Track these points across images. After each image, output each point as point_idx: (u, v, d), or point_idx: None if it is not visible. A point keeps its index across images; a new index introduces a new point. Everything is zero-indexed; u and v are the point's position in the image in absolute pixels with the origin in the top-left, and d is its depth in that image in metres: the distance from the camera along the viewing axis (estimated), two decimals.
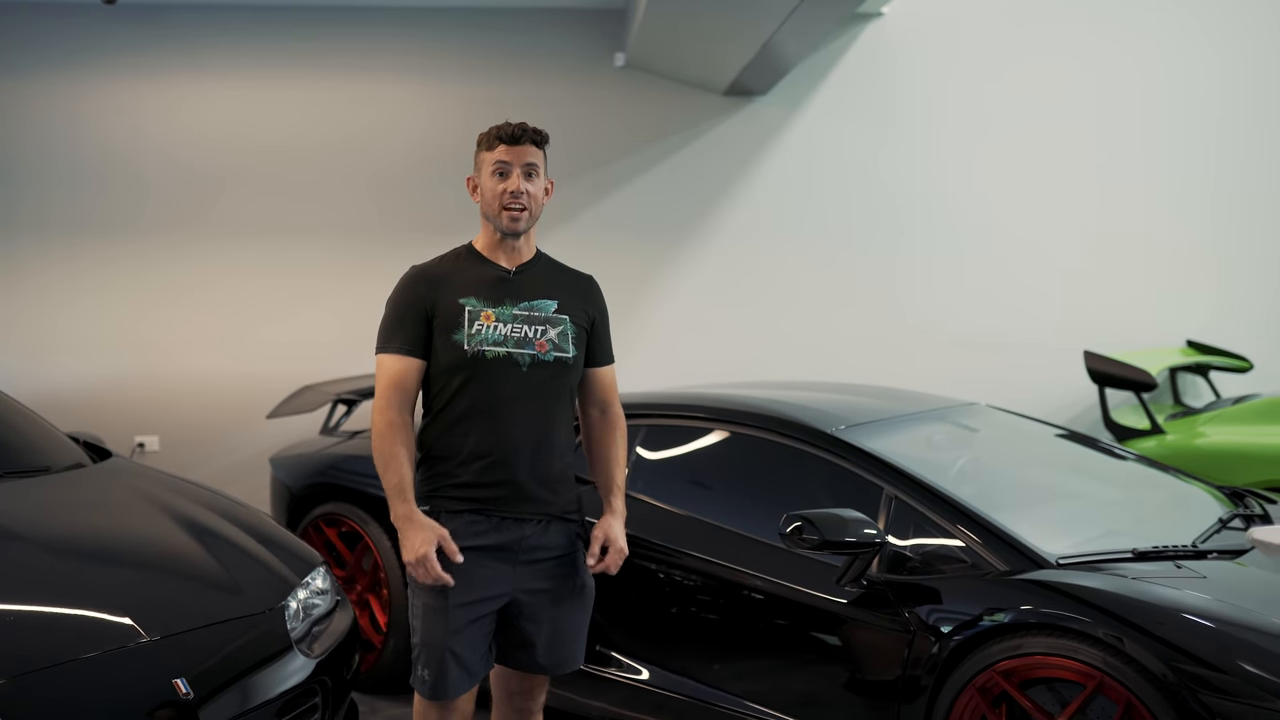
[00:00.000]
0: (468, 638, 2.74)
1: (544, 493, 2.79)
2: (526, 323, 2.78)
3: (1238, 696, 2.70)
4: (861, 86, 6.85)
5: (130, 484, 3.99)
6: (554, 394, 2.80)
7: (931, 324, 6.88)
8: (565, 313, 2.84)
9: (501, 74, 6.71)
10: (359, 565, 4.65)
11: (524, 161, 2.81)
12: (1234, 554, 3.36)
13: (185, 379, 6.62)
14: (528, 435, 2.76)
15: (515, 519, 2.77)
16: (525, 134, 2.82)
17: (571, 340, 2.82)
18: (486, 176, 2.82)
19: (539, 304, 2.82)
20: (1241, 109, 6.99)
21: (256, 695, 3.09)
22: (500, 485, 2.75)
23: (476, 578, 2.73)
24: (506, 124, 2.85)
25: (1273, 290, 6.97)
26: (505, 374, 2.74)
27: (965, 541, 3.33)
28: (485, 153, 2.83)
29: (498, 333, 2.75)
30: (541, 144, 2.87)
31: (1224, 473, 5.07)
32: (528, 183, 2.81)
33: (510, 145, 2.80)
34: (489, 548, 2.75)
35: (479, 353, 2.73)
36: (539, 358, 2.77)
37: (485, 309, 2.77)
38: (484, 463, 2.74)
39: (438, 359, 2.77)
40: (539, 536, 2.79)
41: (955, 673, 3.09)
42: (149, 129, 6.57)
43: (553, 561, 2.82)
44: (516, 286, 2.82)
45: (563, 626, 2.83)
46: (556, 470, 2.82)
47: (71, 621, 2.98)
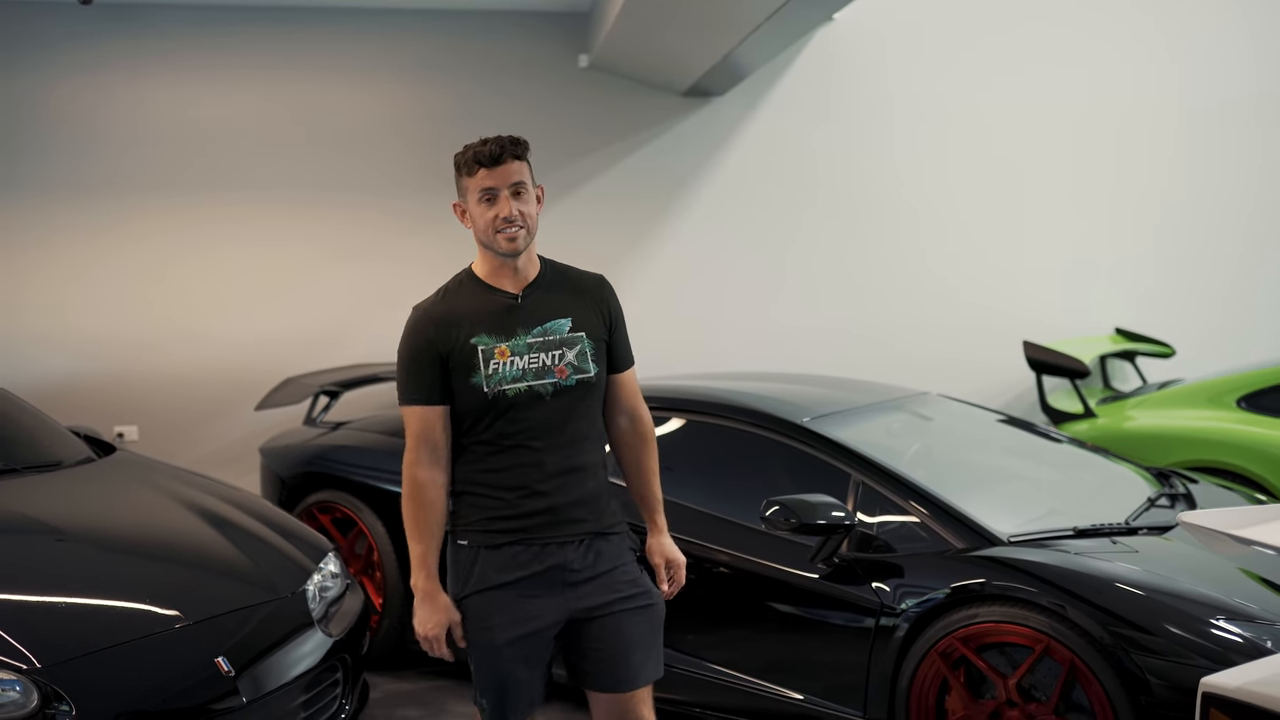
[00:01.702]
0: (522, 671, 2.66)
1: (582, 513, 2.69)
2: (543, 350, 2.66)
3: (1165, 655, 3.11)
4: (815, 86, 7.19)
5: (143, 478, 4.23)
6: (581, 415, 2.70)
7: (882, 313, 7.26)
8: (580, 329, 2.71)
9: (468, 73, 6.94)
10: (352, 550, 4.92)
11: (510, 182, 2.64)
12: (1162, 530, 3.79)
13: (161, 369, 6.77)
14: (559, 461, 2.67)
15: (557, 543, 2.67)
16: (504, 151, 2.64)
17: (591, 357, 2.70)
18: (474, 204, 2.67)
19: (552, 326, 2.69)
20: (1172, 112, 7.45)
21: (286, 672, 3.39)
22: (537, 514, 2.65)
23: (524, 611, 2.64)
24: (483, 145, 2.65)
25: (1193, 281, 7.47)
26: (530, 407, 2.64)
27: (926, 522, 3.70)
28: (467, 179, 2.67)
29: (515, 368, 2.63)
30: (523, 155, 2.69)
31: (1150, 454, 5.51)
32: (518, 202, 2.64)
33: (491, 168, 2.63)
34: (535, 575, 2.65)
35: (500, 393, 2.63)
36: (561, 384, 2.66)
37: (499, 344, 2.65)
38: (518, 494, 2.65)
39: (460, 400, 2.67)
40: (584, 557, 2.69)
41: (919, 640, 3.46)
42: (122, 121, 6.70)
43: (606, 575, 2.71)
44: (526, 312, 2.69)
45: (632, 636, 2.71)
46: (591, 489, 2.72)
47: (120, 608, 3.25)
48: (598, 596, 2.69)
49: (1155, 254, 7.46)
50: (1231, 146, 7.49)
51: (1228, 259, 7.49)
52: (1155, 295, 7.43)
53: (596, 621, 2.68)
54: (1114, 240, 7.45)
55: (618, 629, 2.70)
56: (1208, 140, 7.47)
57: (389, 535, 4.74)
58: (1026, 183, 7.38)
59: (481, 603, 2.66)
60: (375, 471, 4.88)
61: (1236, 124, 7.48)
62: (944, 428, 4.70)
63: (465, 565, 2.69)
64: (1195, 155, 7.47)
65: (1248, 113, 7.49)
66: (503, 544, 2.66)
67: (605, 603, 2.69)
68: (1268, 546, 2.20)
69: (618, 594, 2.70)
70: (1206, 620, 3.15)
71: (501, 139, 2.65)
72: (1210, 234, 7.49)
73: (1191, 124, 7.47)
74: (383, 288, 6.92)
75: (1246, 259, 7.50)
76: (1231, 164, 7.49)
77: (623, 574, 2.73)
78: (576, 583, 2.67)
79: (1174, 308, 7.42)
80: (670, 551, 2.87)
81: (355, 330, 6.93)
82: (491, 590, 2.65)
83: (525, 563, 2.65)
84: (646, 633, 2.75)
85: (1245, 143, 7.49)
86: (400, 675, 4.77)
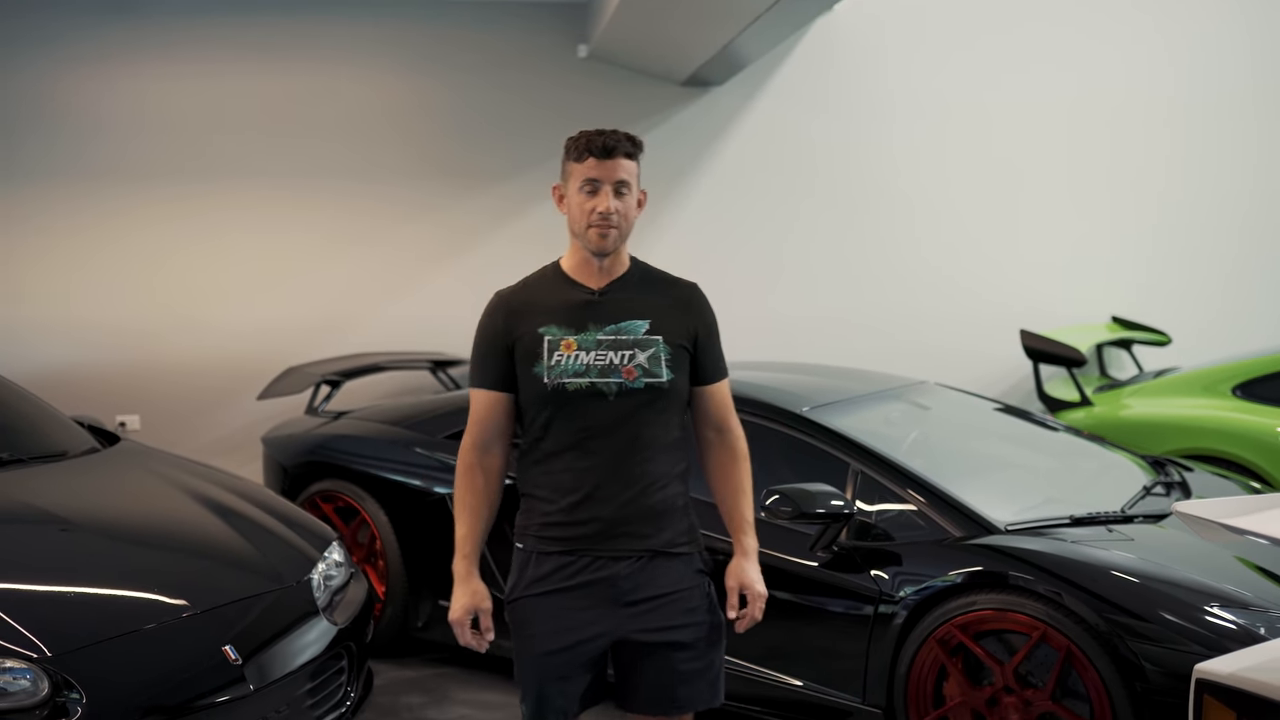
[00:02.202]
0: (562, 683, 2.57)
1: (642, 528, 2.56)
2: (612, 348, 2.56)
3: (1160, 642, 3.15)
4: (814, 76, 7.21)
5: (149, 468, 4.26)
6: (648, 422, 2.56)
7: (880, 302, 7.30)
8: (658, 333, 2.58)
9: (467, 63, 6.95)
10: (355, 538, 4.96)
11: (615, 179, 2.55)
12: (1157, 518, 3.84)
13: (163, 358, 6.80)
14: (619, 468, 2.54)
15: (610, 557, 2.55)
16: (618, 147, 2.56)
17: (665, 363, 2.56)
18: (574, 191, 2.58)
19: (627, 326, 2.58)
20: (1169, 105, 7.47)
21: (292, 660, 3.43)
22: (590, 523, 2.55)
23: (567, 622, 2.54)
24: (599, 134, 2.57)
25: (1190, 270, 7.50)
26: (590, 406, 2.53)
27: (924, 511, 3.74)
28: (574, 164, 2.58)
29: (579, 362, 2.54)
30: (635, 155, 2.60)
31: (1147, 442, 5.56)
32: (618, 200, 2.56)
33: (601, 160, 2.55)
34: (583, 586, 2.55)
35: (559, 386, 2.54)
36: (627, 385, 2.54)
37: (566, 337, 2.57)
38: (571, 500, 2.55)
39: (523, 391, 2.60)
40: (640, 575, 2.55)
41: (917, 627, 3.51)
42: (123, 111, 6.70)
43: (667, 600, 2.57)
44: (602, 309, 2.60)
45: (685, 667, 2.59)
46: (656, 502, 2.57)
47: (128, 598, 3.29)
48: (650, 621, 2.55)
49: (1152, 243, 7.50)
50: (1227, 139, 7.52)
51: (1224, 248, 7.53)
52: (1152, 284, 7.46)
53: (645, 649, 2.56)
54: (1111, 230, 7.48)
55: (666, 661, 2.57)
56: (1204, 132, 7.51)
57: (391, 524, 4.78)
58: (1024, 173, 7.41)
59: (526, 609, 2.59)
60: (377, 461, 4.92)
61: (1232, 117, 7.51)
62: (942, 417, 4.74)
63: (517, 569, 2.63)
64: (1192, 147, 7.50)
65: (1244, 106, 7.52)
66: (553, 551, 2.57)
67: (656, 628, 2.55)
68: (1261, 536, 2.23)
69: (670, 623, 2.56)
70: (1201, 607, 3.19)
71: (619, 134, 2.59)
72: (1206, 223, 7.53)
73: (1188, 117, 7.50)
74: (384, 277, 6.95)
75: (1242, 248, 7.54)
76: (1227, 156, 7.52)
77: (680, 601, 2.58)
78: (629, 602, 2.55)
79: (1171, 296, 7.46)
80: (748, 578, 2.64)
81: (357, 319, 6.96)
82: (536, 597, 2.57)
83: (573, 573, 2.56)
84: (710, 663, 2.63)
85: (1241, 135, 7.53)
86: (404, 663, 4.81)
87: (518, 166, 7.05)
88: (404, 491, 4.78)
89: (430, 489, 4.71)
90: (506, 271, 7.26)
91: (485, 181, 7.04)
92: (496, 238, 7.05)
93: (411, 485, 4.77)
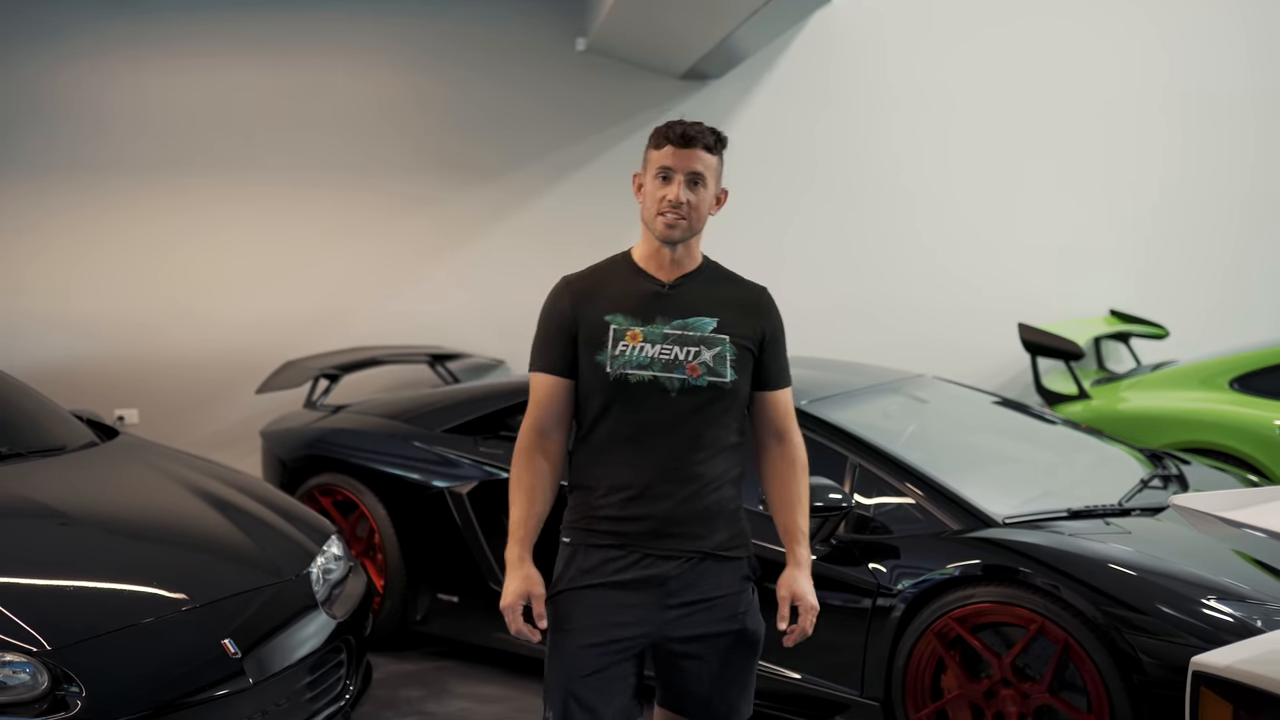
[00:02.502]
0: (596, 682, 2.47)
1: (695, 528, 2.50)
2: (678, 343, 2.50)
3: (1157, 634, 3.16)
4: (812, 69, 7.21)
5: (147, 462, 4.26)
6: (708, 421, 2.51)
7: (879, 295, 7.30)
8: (725, 332, 2.53)
9: (465, 57, 6.95)
10: (353, 532, 4.96)
11: (690, 169, 2.50)
12: (1154, 511, 3.85)
13: (162, 352, 6.80)
14: (675, 467, 2.49)
15: (660, 556, 2.49)
16: (698, 138, 2.52)
17: (730, 363, 2.51)
18: (650, 178, 2.54)
19: (695, 322, 2.53)
20: (1166, 97, 7.47)
21: (291, 654, 3.43)
22: (643, 520, 2.49)
23: (611, 618, 2.48)
24: (679, 123, 2.54)
25: (1188, 263, 7.50)
26: (650, 400, 2.47)
27: (922, 504, 3.75)
28: (653, 151, 2.55)
29: (644, 354, 2.48)
30: (716, 149, 2.55)
31: (1144, 435, 5.56)
32: (690, 192, 2.51)
33: (679, 148, 2.50)
34: (630, 583, 2.49)
35: (621, 376, 2.48)
36: (690, 382, 2.48)
37: (632, 327, 2.51)
38: (624, 495, 2.49)
39: (583, 379, 2.54)
40: (689, 576, 2.50)
41: (915, 620, 3.52)
42: (124, 105, 6.70)
43: (711, 605, 2.52)
44: (671, 302, 2.54)
45: (724, 675, 2.55)
46: (710, 504, 2.52)
47: (127, 592, 3.29)
48: (693, 628, 2.50)
49: (1150, 236, 7.50)
50: (1225, 133, 7.51)
51: (1222, 242, 7.53)
52: (1150, 277, 7.46)
53: (687, 657, 2.52)
54: (1109, 223, 7.48)
55: (709, 668, 2.53)
56: (1202, 126, 7.50)
57: (390, 518, 4.79)
58: (1022, 166, 7.41)
59: (568, 601, 2.52)
60: (376, 454, 4.92)
61: (1230, 111, 7.50)
62: (940, 410, 4.75)
63: (563, 562, 2.56)
64: (1189, 141, 7.50)
65: (1242, 99, 7.51)
66: (602, 545, 2.51)
67: (698, 636, 2.51)
68: (1258, 529, 2.24)
69: (713, 629, 2.52)
70: (1198, 600, 3.20)
71: (702, 125, 2.55)
72: (1204, 217, 7.53)
73: (1185, 110, 7.49)
74: (383, 271, 6.96)
75: (1240, 242, 7.54)
76: (1225, 149, 7.52)
77: (725, 606, 2.53)
78: (680, 605, 2.49)
79: (1168, 290, 7.46)
80: (801, 590, 2.58)
81: (356, 313, 6.96)
82: (581, 590, 2.51)
83: (622, 568, 2.50)
84: (744, 674, 2.59)
85: (1239, 129, 7.52)
86: (403, 656, 4.82)
87: (516, 160, 7.05)
88: (403, 485, 4.78)
89: (429, 483, 4.71)
90: (505, 266, 7.29)
91: (483, 175, 7.04)
92: (495, 232, 7.05)
93: (410, 479, 4.77)
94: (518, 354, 6.94)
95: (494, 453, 4.65)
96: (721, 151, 2.57)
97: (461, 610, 4.66)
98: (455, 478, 4.67)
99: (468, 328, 7.02)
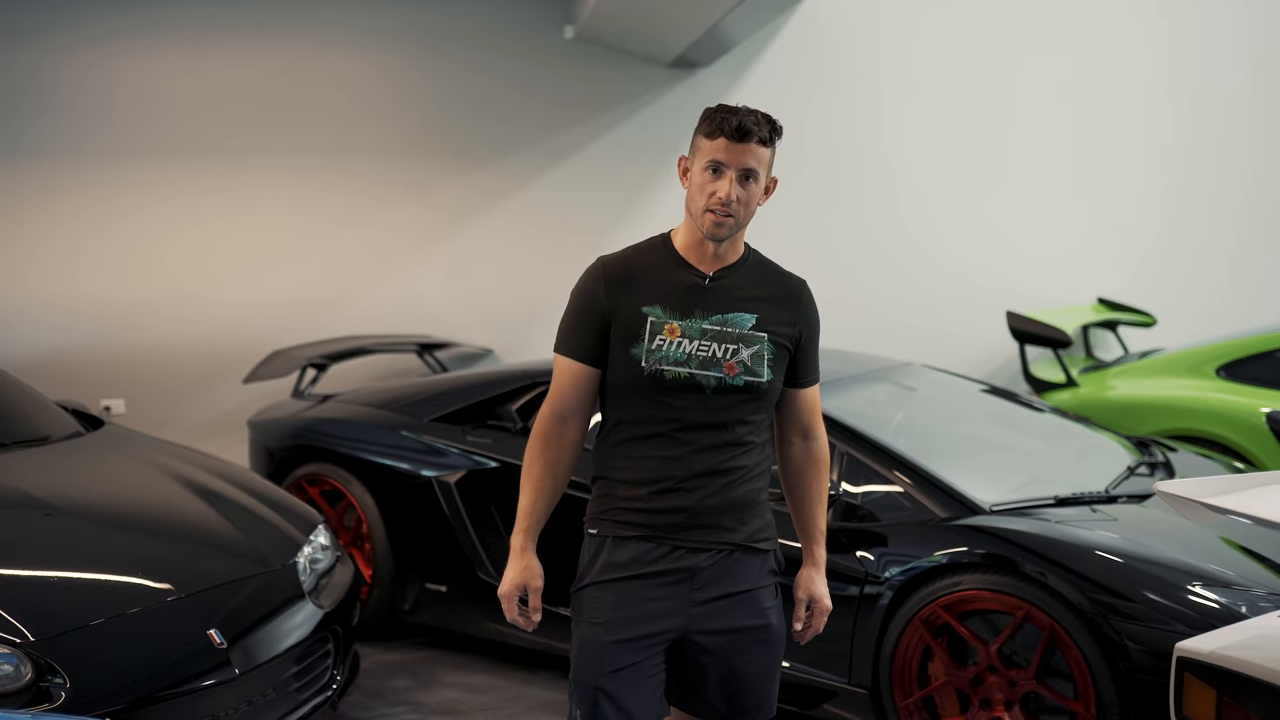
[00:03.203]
0: (626, 677, 2.39)
1: (727, 520, 2.44)
2: (717, 340, 2.42)
3: (1144, 621, 3.17)
4: (800, 58, 7.19)
5: (133, 451, 4.25)
6: (742, 419, 2.45)
7: (868, 283, 7.30)
8: (764, 329, 2.45)
9: (453, 45, 6.91)
10: (341, 522, 4.95)
11: (743, 165, 2.39)
12: (1141, 498, 3.86)
13: (149, 341, 6.76)
14: (707, 463, 2.42)
15: (691, 548, 2.42)
16: (754, 130, 2.39)
17: (768, 362, 2.44)
18: (699, 169, 2.42)
19: (734, 318, 2.45)
20: (1155, 85, 7.48)
21: (278, 644, 3.42)
22: (673, 512, 2.42)
23: (641, 611, 2.41)
24: (733, 114, 2.40)
25: (1176, 251, 7.52)
26: (685, 397, 2.40)
27: (909, 492, 3.75)
28: (705, 139, 2.42)
29: (681, 350, 2.40)
30: (771, 142, 2.44)
31: (1131, 422, 5.58)
32: (741, 188, 2.40)
33: (733, 142, 2.38)
34: (660, 575, 2.42)
35: (657, 372, 2.40)
36: (726, 381, 2.41)
37: (671, 321, 2.42)
38: (654, 488, 2.42)
39: (614, 370, 2.45)
40: (720, 568, 2.44)
41: (902, 607, 3.52)
42: (102, 90, 6.65)
43: (737, 598, 2.46)
44: (712, 296, 2.45)
45: (748, 670, 2.47)
46: (741, 495, 2.45)
47: (114, 582, 3.28)
48: (720, 621, 2.44)
49: (1138, 224, 7.51)
50: (1210, 121, 7.53)
51: (1209, 230, 7.54)
52: (1138, 265, 7.48)
53: (711, 653, 2.44)
54: (1097, 211, 7.49)
55: (739, 661, 2.46)
56: (1187, 115, 7.52)
57: (378, 507, 4.78)
58: (1011, 155, 7.41)
59: (597, 594, 2.44)
60: (364, 444, 4.91)
61: (1216, 98, 7.52)
62: (927, 398, 4.75)
63: (590, 555, 2.49)
64: (1178, 128, 7.51)
65: (1227, 88, 7.53)
66: (631, 536, 2.43)
67: (725, 630, 2.44)
68: (1243, 515, 2.24)
69: (739, 624, 2.45)
70: (1184, 587, 3.21)
71: (759, 115, 2.42)
72: (1192, 205, 7.54)
73: (1171, 98, 7.50)
74: (371, 259, 6.93)
75: (1227, 229, 7.56)
76: (1213, 139, 7.54)
77: (752, 601, 2.47)
78: (708, 600, 2.43)
79: (1156, 277, 7.47)
80: (818, 590, 2.57)
81: (343, 302, 6.93)
82: (610, 582, 2.43)
83: (654, 559, 2.42)
84: (769, 669, 2.51)
85: (1224, 116, 7.53)
86: (391, 646, 4.82)
87: (504, 149, 7.02)
88: (391, 475, 4.77)
89: (417, 472, 4.70)
90: (493, 255, 7.27)
91: (471, 164, 7.01)
92: (483, 221, 7.03)
93: (398, 468, 4.76)
94: (506, 343, 6.93)
95: (482, 442, 4.64)
96: (776, 142, 2.46)
97: (450, 600, 4.66)
98: (443, 467, 4.66)
99: (456, 316, 7.00)
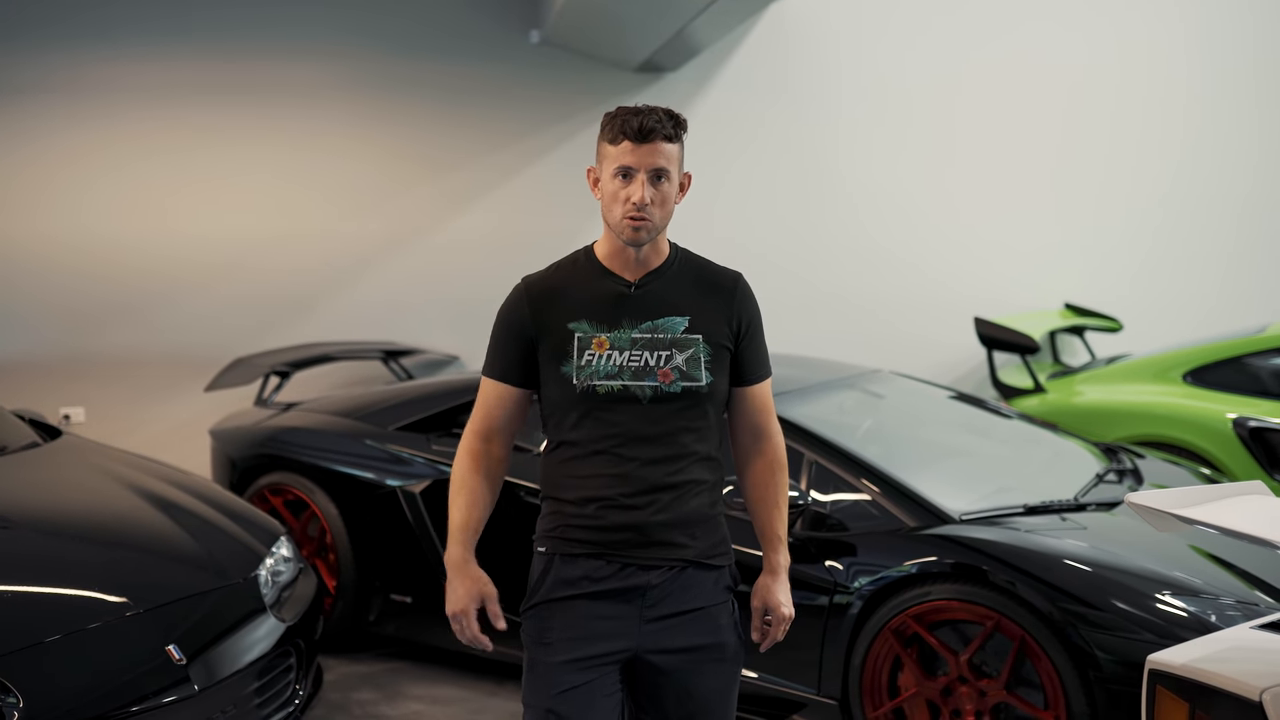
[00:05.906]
0: (578, 698, 2.32)
1: (678, 536, 2.36)
2: (648, 348, 2.36)
3: (1113, 630, 3.16)
4: (767, 62, 7.18)
5: (91, 462, 4.16)
6: (686, 427, 2.37)
7: (835, 289, 7.29)
8: (698, 331, 2.39)
9: (419, 49, 6.85)
10: (305, 532, 4.88)
11: (652, 166, 2.32)
12: (1110, 506, 3.86)
13: (108, 349, 6.66)
14: (653, 478, 2.34)
15: (642, 565, 2.35)
16: (657, 130, 2.32)
17: (705, 365, 2.37)
18: (608, 177, 2.36)
19: (664, 323, 2.38)
20: (1121, 88, 7.52)
21: (239, 659, 3.36)
22: (622, 529, 2.35)
23: (591, 630, 2.34)
24: (634, 115, 2.33)
25: (1143, 256, 7.56)
26: (622, 410, 2.34)
27: (878, 500, 3.73)
28: (609, 145, 2.36)
29: (612, 363, 2.34)
30: (677, 136, 2.37)
31: (1098, 428, 5.59)
32: (654, 189, 2.34)
33: (637, 144, 2.32)
34: (610, 593, 2.35)
35: (589, 388, 2.34)
36: (663, 389, 2.34)
37: (598, 334, 2.36)
38: (599, 505, 2.35)
39: (548, 390, 2.40)
40: (671, 585, 2.36)
41: (872, 618, 3.50)
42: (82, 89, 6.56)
43: (691, 616, 2.38)
44: (638, 303, 2.39)
45: (704, 689, 2.40)
46: (692, 510, 2.38)
47: (70, 597, 3.20)
48: (673, 640, 2.36)
49: (1104, 229, 7.54)
50: (1181, 125, 7.57)
51: (1176, 235, 7.58)
52: (1104, 271, 7.51)
53: (665, 673, 2.37)
54: (1064, 216, 7.52)
55: (696, 681, 2.39)
56: (1159, 118, 7.54)
57: (341, 517, 4.71)
58: (978, 159, 7.43)
59: (544, 614, 2.38)
60: (327, 453, 4.85)
61: (1188, 101, 7.56)
62: (896, 405, 4.74)
63: (538, 573, 2.42)
64: (1147, 132, 7.54)
65: (1199, 91, 7.57)
66: (580, 554, 2.36)
67: (678, 649, 2.37)
68: (1211, 526, 2.23)
69: (693, 642, 2.38)
70: (1153, 595, 3.21)
71: (658, 112, 2.34)
72: (1156, 211, 7.57)
73: (1138, 102, 7.53)
74: (335, 266, 6.85)
75: (1194, 235, 7.60)
76: (1181, 143, 7.58)
77: (706, 619, 2.39)
78: (660, 618, 2.36)
79: (1122, 283, 7.51)
80: (775, 598, 2.47)
81: (307, 309, 6.85)
82: (559, 601, 2.37)
83: (602, 577, 2.35)
84: (727, 689, 2.44)
85: (1195, 120, 7.58)
86: (355, 658, 4.75)
87: (470, 154, 6.97)
88: (355, 484, 4.71)
89: (381, 481, 4.64)
90: (459, 260, 7.21)
91: (437, 169, 6.95)
92: (449, 226, 6.97)
93: (362, 478, 4.70)
94: (472, 350, 6.87)
95: (447, 451, 4.58)
96: (682, 136, 2.38)
97: (415, 611, 4.60)
98: (408, 476, 4.60)
99: (421, 323, 6.94)
